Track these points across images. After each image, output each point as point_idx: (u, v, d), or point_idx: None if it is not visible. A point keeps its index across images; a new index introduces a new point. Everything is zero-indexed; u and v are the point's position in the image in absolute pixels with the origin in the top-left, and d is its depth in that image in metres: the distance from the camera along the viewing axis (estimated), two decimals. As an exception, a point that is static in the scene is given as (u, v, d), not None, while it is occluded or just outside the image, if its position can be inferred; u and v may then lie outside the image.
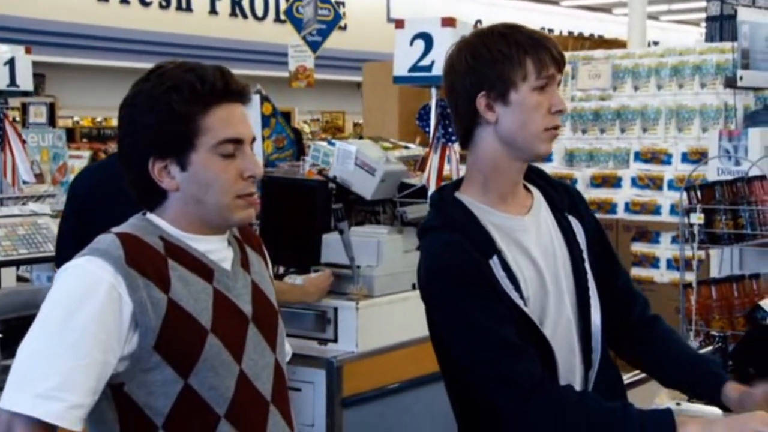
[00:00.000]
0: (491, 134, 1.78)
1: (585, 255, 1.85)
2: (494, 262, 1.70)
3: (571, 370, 1.78)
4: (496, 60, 1.74)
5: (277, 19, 16.57)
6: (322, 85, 11.44)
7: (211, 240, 1.62)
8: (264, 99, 4.70)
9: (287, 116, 5.37)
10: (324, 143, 5.15)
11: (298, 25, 9.52)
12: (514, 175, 1.82)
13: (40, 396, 1.41)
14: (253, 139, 1.63)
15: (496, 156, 1.79)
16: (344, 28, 16.92)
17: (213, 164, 1.55)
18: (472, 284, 1.68)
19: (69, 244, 2.88)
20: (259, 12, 16.73)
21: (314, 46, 9.48)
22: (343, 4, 17.04)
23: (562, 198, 1.90)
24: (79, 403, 1.43)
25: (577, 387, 1.77)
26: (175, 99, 1.53)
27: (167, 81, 1.55)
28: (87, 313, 1.45)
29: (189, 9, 15.86)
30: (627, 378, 2.21)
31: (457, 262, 1.70)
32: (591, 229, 1.91)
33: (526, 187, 1.88)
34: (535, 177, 1.92)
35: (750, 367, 2.18)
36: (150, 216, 1.62)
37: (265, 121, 4.69)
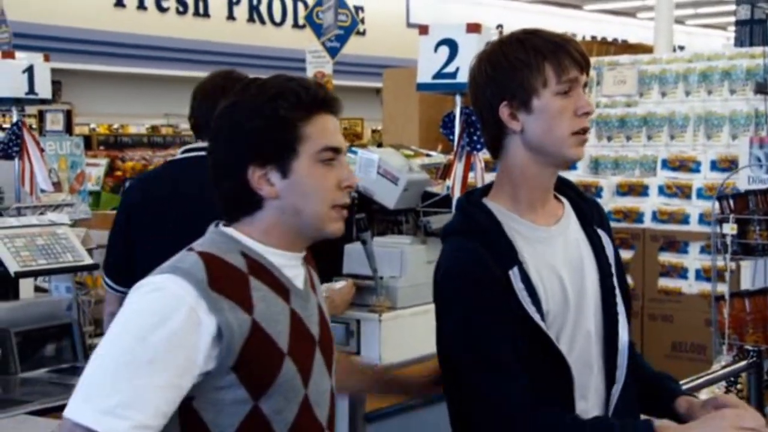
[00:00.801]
0: (518, 143, 1.75)
1: (614, 270, 1.81)
2: (514, 273, 1.67)
3: (586, 386, 1.74)
4: (515, 68, 1.71)
5: (295, 25, 16.61)
6: (340, 91, 11.31)
7: (290, 256, 1.61)
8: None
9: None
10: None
11: (318, 30, 9.49)
12: (544, 183, 1.79)
13: (106, 412, 1.38)
14: (346, 152, 1.64)
15: (526, 164, 1.75)
16: (363, 33, 16.91)
17: (314, 172, 1.56)
18: (480, 295, 1.67)
19: (120, 253, 2.88)
20: (277, 17, 16.74)
21: (332, 52, 9.44)
22: (362, 9, 17.05)
23: (593, 211, 1.86)
24: (145, 423, 1.39)
25: (597, 403, 1.75)
26: (281, 105, 1.55)
27: (271, 89, 1.57)
28: (165, 334, 1.42)
29: (206, 14, 15.86)
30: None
31: (471, 269, 1.68)
32: (615, 248, 1.87)
33: (557, 197, 1.84)
34: (565, 188, 1.88)
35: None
36: (229, 230, 1.59)
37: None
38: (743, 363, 2.64)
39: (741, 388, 2.92)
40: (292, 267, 1.61)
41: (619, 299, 1.79)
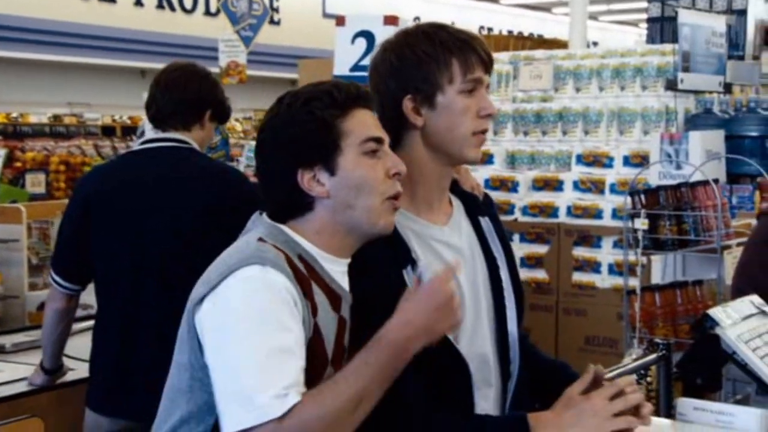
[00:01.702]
0: (418, 138, 1.73)
1: (500, 262, 1.80)
2: (408, 272, 1.66)
3: (487, 383, 1.74)
4: (422, 61, 1.69)
5: (207, 12, 16.20)
6: (254, 81, 11.21)
7: (340, 262, 1.63)
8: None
9: (218, 114, 5.22)
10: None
11: (233, 18, 9.33)
12: (442, 182, 1.77)
13: (279, 396, 1.41)
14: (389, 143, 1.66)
15: (424, 161, 1.73)
16: (278, 23, 16.67)
17: (361, 164, 1.59)
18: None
19: (73, 249, 2.80)
20: (188, 4, 16.23)
21: (246, 41, 9.29)
22: (276, -2, 16.82)
23: (475, 201, 1.86)
24: (298, 379, 1.45)
25: (495, 399, 1.75)
26: (315, 106, 1.59)
27: (303, 96, 1.62)
28: (283, 311, 1.47)
29: (113, 0, 15.23)
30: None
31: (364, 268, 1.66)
32: (501, 232, 1.87)
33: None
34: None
35: (698, 377, 2.13)
36: (285, 228, 1.61)
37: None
38: (653, 356, 2.67)
39: (651, 381, 2.96)
40: (341, 273, 1.63)
41: (507, 292, 1.79)
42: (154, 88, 2.92)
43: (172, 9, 15.99)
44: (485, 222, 1.83)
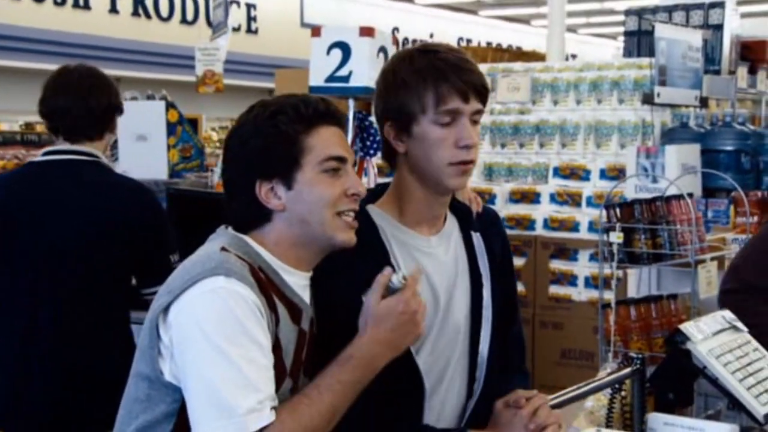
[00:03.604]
0: (404, 163, 1.72)
1: (485, 280, 1.77)
2: None
3: (444, 398, 1.74)
4: (399, 89, 1.68)
5: (184, 20, 16.06)
6: (231, 91, 11.15)
7: (301, 275, 1.64)
8: (169, 105, 4.53)
9: (194, 123, 5.21)
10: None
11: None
12: (433, 208, 1.75)
13: (255, 409, 1.43)
14: (354, 163, 1.70)
15: (411, 185, 1.73)
16: (255, 32, 16.62)
17: (318, 182, 1.61)
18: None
19: None
20: (164, 12, 16.06)
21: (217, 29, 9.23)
22: (254, 7, 16.74)
23: (468, 215, 1.83)
24: (271, 394, 1.48)
25: (452, 415, 1.74)
26: (281, 120, 1.60)
27: (271, 107, 1.63)
28: (251, 322, 1.49)
29: (87, 6, 14.84)
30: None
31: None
32: (499, 257, 1.84)
33: None
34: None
35: (669, 392, 2.13)
36: (248, 239, 1.62)
37: (171, 128, 4.52)
38: (628, 370, 2.67)
39: (625, 395, 2.95)
40: (302, 287, 1.64)
41: (486, 311, 1.76)
42: (56, 94, 2.76)
43: (148, 16, 15.83)
44: (477, 238, 1.81)
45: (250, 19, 16.73)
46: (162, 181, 4.52)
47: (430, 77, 1.65)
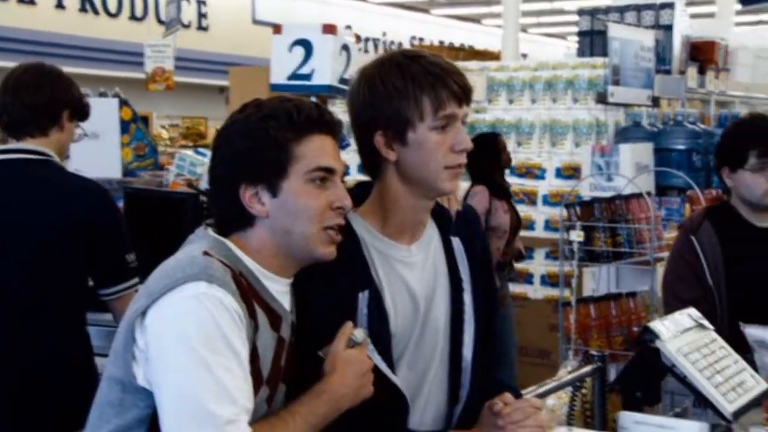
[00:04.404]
0: (393, 172, 1.69)
1: (465, 285, 1.77)
2: (363, 296, 1.64)
3: (425, 405, 1.73)
4: (392, 97, 1.64)
5: (132, 17, 15.77)
6: (182, 88, 11.00)
7: (282, 282, 1.62)
8: (123, 103, 4.44)
9: (144, 121, 5.13)
10: (191, 152, 4.90)
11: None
12: (419, 215, 1.74)
13: (230, 422, 1.41)
14: (343, 173, 1.65)
15: (400, 194, 1.70)
16: (206, 28, 16.44)
17: (304, 192, 1.57)
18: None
19: None
20: (112, 8, 15.67)
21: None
22: (204, 3, 16.56)
23: (447, 219, 1.82)
24: (248, 407, 1.46)
25: (437, 422, 1.74)
26: (271, 125, 1.56)
27: (264, 109, 1.59)
28: (231, 331, 1.46)
29: (32, 2, 14.43)
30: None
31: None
32: (479, 258, 1.83)
33: None
34: None
35: (637, 390, 2.13)
36: (229, 243, 1.59)
37: (124, 126, 4.43)
38: (588, 368, 2.69)
39: (586, 393, 2.97)
40: (283, 293, 1.61)
41: (468, 316, 1.76)
42: (2, 93, 2.71)
43: (96, 12, 15.49)
44: (456, 242, 1.79)
45: (201, 15, 16.53)
46: (115, 180, 4.44)
47: (427, 83, 1.63)
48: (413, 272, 1.72)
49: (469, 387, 1.75)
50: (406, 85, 1.63)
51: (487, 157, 4.89)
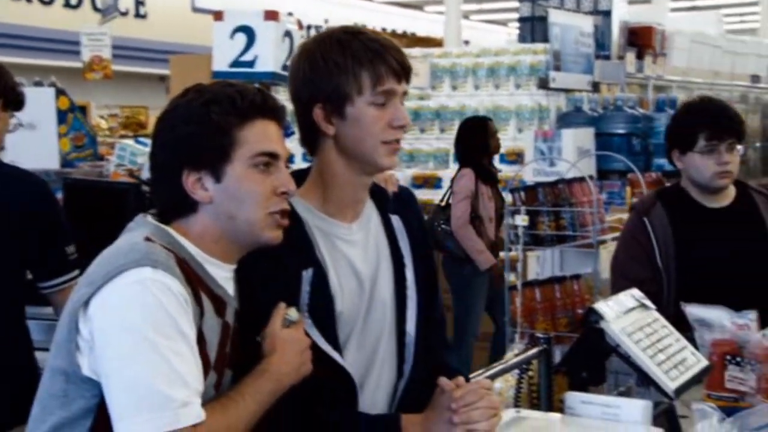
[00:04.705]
0: (332, 146, 1.71)
1: (407, 261, 1.80)
2: (306, 275, 1.65)
3: (377, 383, 1.75)
4: (332, 72, 1.66)
5: (67, 4, 15.35)
6: (121, 77, 10.82)
7: (226, 268, 1.61)
8: (60, 92, 4.34)
9: (82, 111, 5.03)
10: (131, 142, 4.82)
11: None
12: (358, 191, 1.75)
13: (184, 404, 1.41)
14: (287, 159, 1.63)
15: (339, 168, 1.71)
16: (144, 16, 16.15)
17: (248, 177, 1.56)
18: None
19: None
20: (46, -5, 15.44)
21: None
22: (144, -10, 16.28)
23: (385, 197, 1.84)
24: (198, 389, 1.46)
25: (384, 397, 1.76)
26: (214, 110, 1.55)
27: (206, 94, 1.57)
28: (179, 315, 1.46)
29: None
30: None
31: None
32: (418, 237, 1.85)
33: None
34: None
35: (583, 371, 2.16)
36: (170, 230, 1.57)
37: (62, 116, 4.34)
38: (534, 350, 2.71)
39: (532, 375, 3.01)
40: (226, 279, 1.60)
41: (411, 291, 1.78)
42: None
43: (29, 0, 15.17)
44: (396, 220, 1.81)
45: (139, 3, 16.23)
46: (54, 171, 4.35)
47: (366, 59, 1.65)
48: (356, 251, 1.73)
49: (413, 362, 1.77)
50: (346, 61, 1.65)
51: (476, 140, 4.94)
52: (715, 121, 2.76)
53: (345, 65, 1.65)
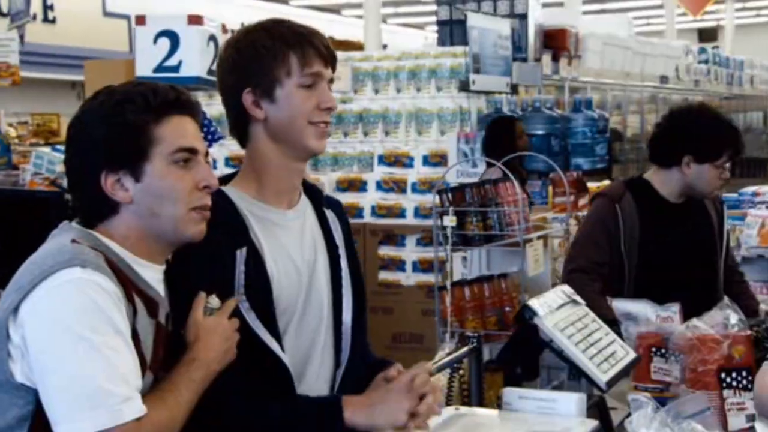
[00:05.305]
0: (262, 131, 1.74)
1: (342, 251, 1.85)
2: (240, 254, 1.66)
3: (318, 372, 1.78)
4: (260, 55, 1.71)
5: (-30, 10, 14.94)
6: (30, 84, 10.50)
7: (156, 268, 1.61)
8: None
9: (-10, 119, 4.89)
10: (48, 150, 4.70)
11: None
12: (292, 178, 1.79)
13: (126, 399, 1.42)
14: (206, 154, 1.64)
15: (270, 154, 1.75)
16: (53, 21, 15.71)
17: (168, 174, 1.56)
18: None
19: None
20: (-52, 0, 14.87)
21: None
22: (52, -7, 15.83)
23: (320, 194, 1.91)
24: (137, 385, 1.47)
25: (323, 386, 1.79)
26: (128, 109, 1.54)
27: (118, 95, 1.57)
28: (114, 312, 1.46)
29: None
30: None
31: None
32: (348, 240, 1.90)
33: None
34: None
35: (517, 366, 2.21)
36: (96, 233, 1.56)
37: (-29, 125, 4.20)
38: (465, 349, 2.75)
39: (463, 373, 3.05)
40: (157, 281, 1.60)
41: (346, 281, 1.82)
42: None
43: (-73, 4, 14.58)
44: (330, 213, 1.86)
45: (47, 7, 15.77)
46: (-34, 181, 4.22)
47: (294, 42, 1.70)
48: (292, 237, 1.76)
49: (350, 351, 1.81)
50: (274, 43, 1.70)
51: (503, 140, 4.95)
52: (741, 142, 3.04)
53: (273, 48, 1.69)
